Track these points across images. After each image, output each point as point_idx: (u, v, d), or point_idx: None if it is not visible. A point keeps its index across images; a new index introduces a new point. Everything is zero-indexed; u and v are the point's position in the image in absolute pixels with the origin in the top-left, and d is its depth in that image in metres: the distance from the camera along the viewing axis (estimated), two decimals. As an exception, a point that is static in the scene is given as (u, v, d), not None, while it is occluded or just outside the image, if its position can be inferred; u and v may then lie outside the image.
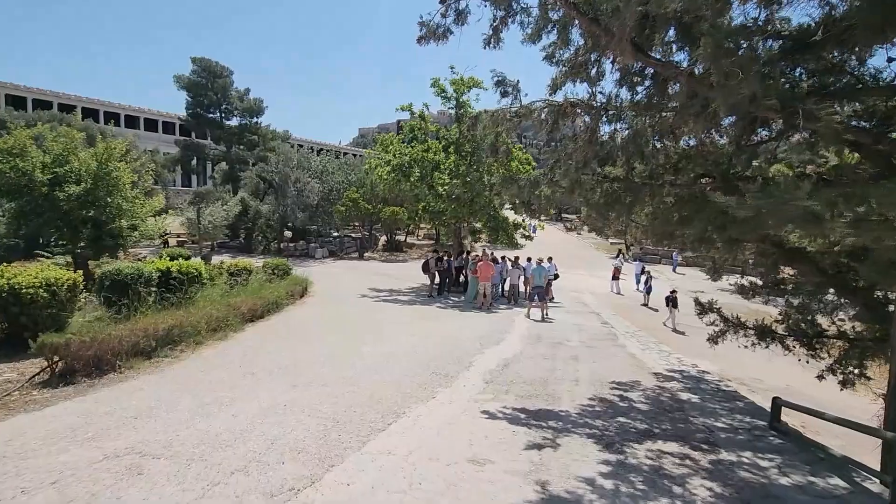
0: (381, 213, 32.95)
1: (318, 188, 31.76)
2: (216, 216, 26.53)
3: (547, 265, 19.02)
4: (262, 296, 13.78)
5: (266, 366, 8.32)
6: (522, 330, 12.51)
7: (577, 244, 42.29)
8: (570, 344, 10.89)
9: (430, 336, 11.12)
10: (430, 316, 14.31)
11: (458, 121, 20.39)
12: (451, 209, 19.61)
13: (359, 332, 11.31)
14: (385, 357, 9.05)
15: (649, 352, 10.67)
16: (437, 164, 19.88)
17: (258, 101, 37.56)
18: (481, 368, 8.53)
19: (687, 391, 8.04)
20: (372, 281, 22.27)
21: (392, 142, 20.53)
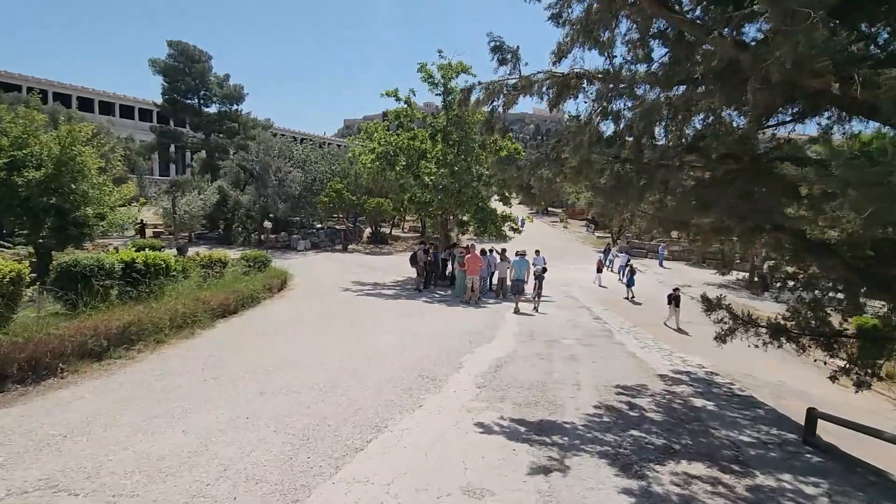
0: (366, 204, 31.90)
1: (301, 178, 30.53)
2: (192, 206, 25.22)
3: (534, 258, 18.27)
4: (235, 289, 12.74)
5: (233, 368, 7.36)
6: (514, 326, 11.69)
7: (564, 238, 41.70)
8: (566, 342, 10.11)
9: (416, 333, 10.24)
10: (415, 311, 13.42)
11: (445, 108, 19.44)
12: (437, 200, 18.70)
13: (339, 329, 10.38)
14: (367, 357, 8.14)
15: (649, 350, 9.95)
16: (424, 153, 18.91)
17: (238, 87, 35.94)
18: (473, 370, 7.68)
19: (700, 396, 7.30)
20: (355, 273, 21.30)
21: (377, 129, 19.47)
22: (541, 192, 6.27)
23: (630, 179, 5.45)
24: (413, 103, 19.47)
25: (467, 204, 19.21)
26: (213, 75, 35.05)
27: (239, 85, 35.88)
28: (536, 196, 6.56)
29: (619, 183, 5.57)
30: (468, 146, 18.73)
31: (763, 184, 5.17)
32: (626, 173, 5.45)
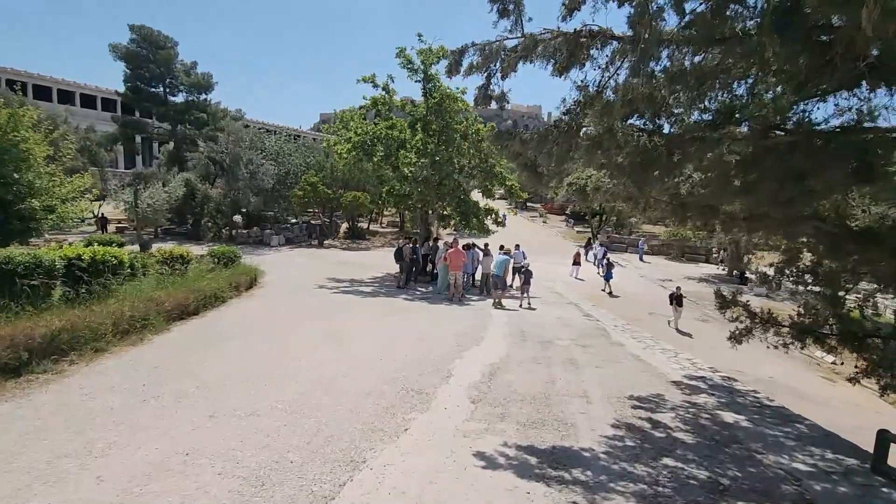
0: (343, 198, 30.49)
1: (274, 171, 28.92)
2: (156, 199, 23.45)
3: (514, 252, 17.34)
4: (195, 288, 11.38)
5: (181, 383, 6.12)
6: (502, 325, 10.67)
7: (544, 232, 41.02)
8: (561, 343, 9.13)
9: (397, 336, 9.12)
10: (396, 310, 12.28)
11: (425, 95, 18.26)
12: (417, 192, 17.53)
13: (311, 332, 9.17)
14: (342, 366, 6.99)
15: (652, 352, 9.02)
16: (403, 143, 17.72)
17: (206, 75, 33.84)
18: (464, 380, 6.60)
19: (726, 408, 6.37)
20: (331, 270, 20.00)
21: (353, 117, 18.17)
22: (550, 171, 5.21)
23: (658, 155, 4.43)
24: (392, 90, 18.22)
25: (448, 196, 18.10)
26: (179, 63, 32.90)
27: (207, 73, 33.83)
28: (545, 176, 5.49)
29: (645, 159, 4.54)
30: (449, 136, 17.62)
31: (823, 161, 4.21)
32: (655, 147, 4.43)
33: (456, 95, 17.76)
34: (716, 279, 27.32)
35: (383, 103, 18.20)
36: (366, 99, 18.16)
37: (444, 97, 17.49)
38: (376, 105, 18.12)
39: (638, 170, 4.58)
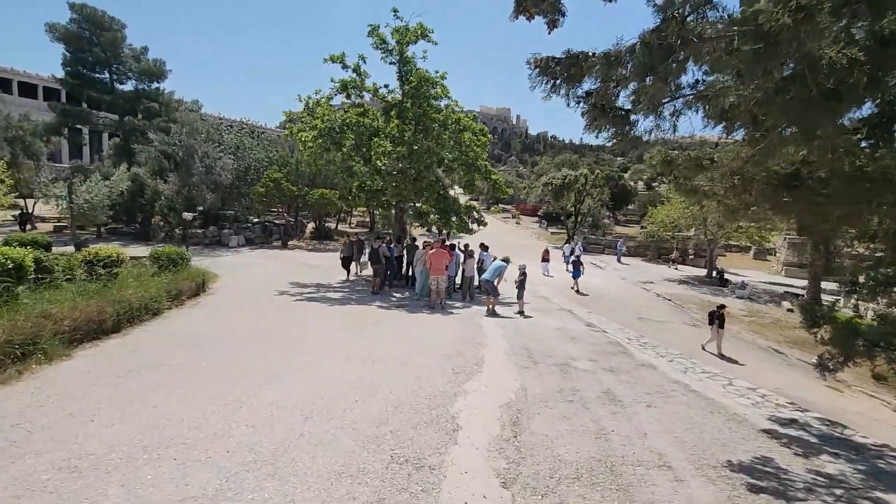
0: (309, 196, 27.85)
1: (232, 165, 26.04)
2: (95, 194, 20.32)
3: (482, 254, 15.38)
4: (118, 298, 8.85)
5: (37, 462, 3.76)
6: (500, 341, 8.63)
7: (519, 234, 39.35)
8: (581, 366, 7.16)
9: (374, 358, 6.94)
10: (371, 321, 10.06)
11: (401, 79, 16.06)
12: (392, 187, 15.28)
13: (261, 357, 6.87)
14: (295, 420, 4.76)
15: (696, 376, 7.13)
16: (377, 131, 15.46)
17: (159, 62, 30.34)
18: (479, 435, 4.51)
19: (874, 479, 4.44)
20: (296, 273, 17.56)
21: (320, 102, 15.77)
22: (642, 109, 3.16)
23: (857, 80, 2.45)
24: (364, 72, 15.92)
25: (427, 191, 15.94)
26: (127, 47, 29.37)
27: (159, 60, 30.39)
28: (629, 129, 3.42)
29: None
30: (427, 125, 15.47)
31: None
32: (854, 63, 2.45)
33: (435, 79, 15.64)
34: (695, 280, 26.28)
35: (354, 87, 15.89)
36: (334, 82, 15.79)
37: (423, 81, 15.34)
38: (346, 89, 15.81)
39: (806, 110, 2.59)
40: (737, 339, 15.83)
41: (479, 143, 16.55)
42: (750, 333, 16.68)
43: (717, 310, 11.32)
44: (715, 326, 10.91)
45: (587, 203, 36.56)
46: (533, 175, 67.24)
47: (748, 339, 16.01)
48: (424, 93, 15.45)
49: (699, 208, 25.61)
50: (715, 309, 11.51)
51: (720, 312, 11.12)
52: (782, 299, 22.77)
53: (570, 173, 35.21)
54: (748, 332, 16.93)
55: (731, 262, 33.78)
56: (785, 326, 18.04)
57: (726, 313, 11.97)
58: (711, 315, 11.41)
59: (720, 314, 11.05)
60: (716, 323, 10.91)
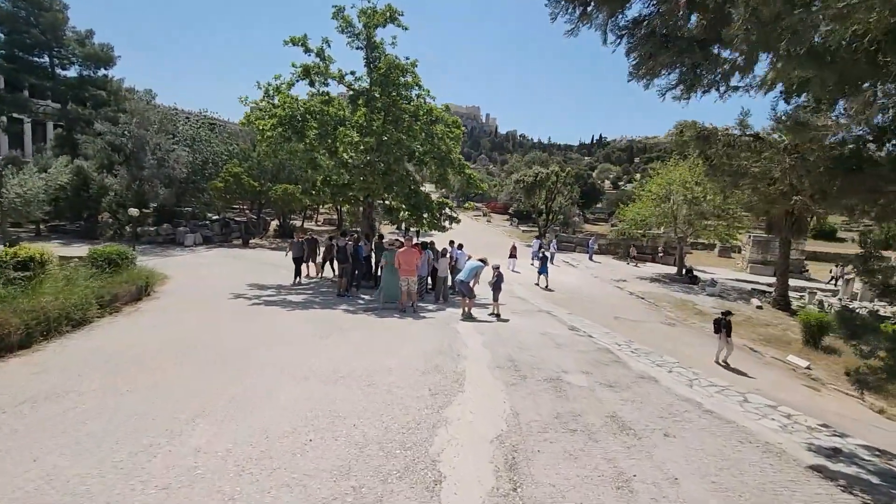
0: (272, 191, 26.23)
1: (188, 158, 24.14)
2: (29, 187, 18.23)
3: (455, 252, 14.44)
4: (26, 307, 7.41)
5: None
6: (480, 349, 7.65)
7: (490, 232, 38.60)
8: (575, 381, 6.23)
9: (337, 379, 5.82)
10: (335, 328, 8.91)
11: (368, 66, 14.87)
12: (359, 182, 14.07)
13: (198, 380, 5.66)
14: (225, 471, 3.59)
15: (700, 388, 6.30)
16: (342, 120, 14.22)
17: (106, 47, 27.75)
18: (468, 493, 3.43)
19: None
20: (256, 273, 16.13)
21: (279, 88, 14.38)
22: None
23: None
24: (328, 57, 14.63)
25: (397, 186, 14.81)
26: (70, 30, 26.79)
27: (107, 45, 27.84)
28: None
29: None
30: (397, 115, 14.33)
31: None
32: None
33: (406, 66, 14.51)
34: (666, 278, 26.12)
35: (317, 73, 14.57)
36: (295, 67, 14.42)
37: (392, 68, 14.18)
38: (308, 74, 14.47)
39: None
40: (710, 337, 15.47)
41: (452, 135, 15.53)
42: (724, 332, 16.38)
43: (723, 317, 10.51)
44: (722, 335, 10.08)
45: (558, 201, 36.15)
46: (503, 173, 66.84)
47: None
48: (394, 80, 14.31)
49: (671, 206, 25.45)
50: (721, 316, 10.68)
51: (726, 320, 10.32)
52: (750, 296, 22.77)
53: (542, 171, 34.70)
54: (722, 330, 16.64)
55: (698, 259, 34.01)
56: (756, 324, 17.84)
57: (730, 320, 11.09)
58: (717, 323, 10.58)
59: (727, 322, 10.25)
60: (723, 332, 10.07)
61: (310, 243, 15.93)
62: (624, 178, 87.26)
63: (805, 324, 15.65)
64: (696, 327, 16.69)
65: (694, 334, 15.43)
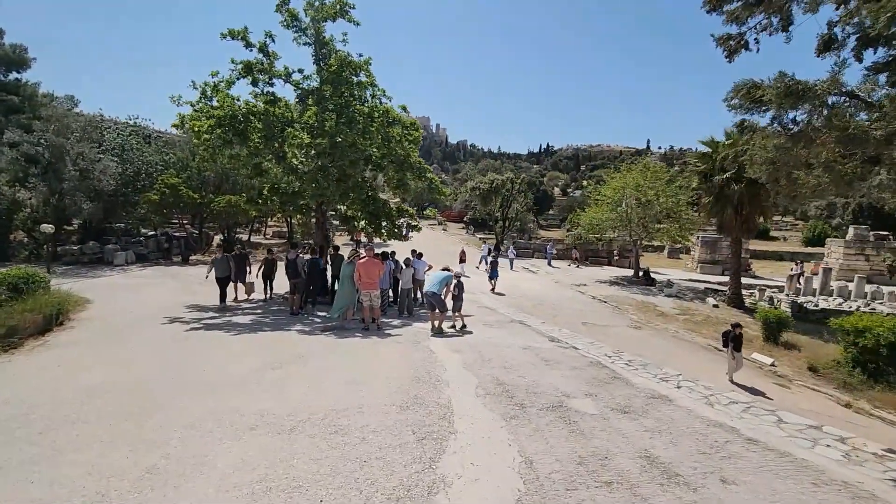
0: (214, 203, 24.11)
1: (116, 169, 21.66)
2: (-82, 204, 15.47)
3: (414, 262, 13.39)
4: None
5: None
6: (462, 372, 6.57)
7: (446, 240, 37.67)
8: (582, 407, 5.19)
9: (293, 427, 4.55)
10: (288, 355, 7.55)
11: (318, 63, 13.60)
12: (311, 188, 12.67)
13: (110, 446, 4.20)
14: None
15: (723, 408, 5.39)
16: (290, 121, 12.83)
17: (18, 48, 24.52)
18: None
19: None
20: (196, 293, 14.33)
21: (217, 87, 12.79)
22: None
23: None
24: (273, 54, 13.22)
25: (354, 192, 13.53)
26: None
27: (19, 45, 24.68)
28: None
29: None
30: (351, 116, 13.10)
31: None
32: None
33: (359, 64, 13.33)
34: (624, 280, 26.11)
35: (261, 70, 13.12)
36: (235, 63, 12.91)
37: (344, 65, 12.98)
38: (251, 72, 12.99)
39: None
40: (676, 339, 15.17)
41: (410, 138, 14.46)
42: (688, 332, 16.19)
43: (732, 329, 9.52)
44: (730, 350, 9.14)
45: (514, 207, 35.81)
46: (456, 182, 66.37)
47: (688, 339, 15.45)
48: (347, 79, 13.11)
49: (625, 209, 25.53)
50: (729, 329, 9.69)
51: (736, 332, 9.32)
52: (705, 296, 23.03)
53: (498, 178, 34.28)
54: (685, 330, 16.43)
55: (649, 261, 34.57)
56: (716, 323, 17.81)
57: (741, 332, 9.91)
58: (725, 336, 9.56)
59: (736, 335, 9.26)
60: (730, 346, 9.13)
61: (237, 259, 13.46)
62: (572, 186, 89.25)
63: (765, 321, 15.67)
64: (661, 328, 16.43)
65: (664, 337, 15.09)
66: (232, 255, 13.46)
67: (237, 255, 13.70)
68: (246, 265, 13.65)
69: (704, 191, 21.56)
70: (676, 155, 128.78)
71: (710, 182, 21.05)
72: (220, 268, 12.76)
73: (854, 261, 27.80)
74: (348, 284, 10.70)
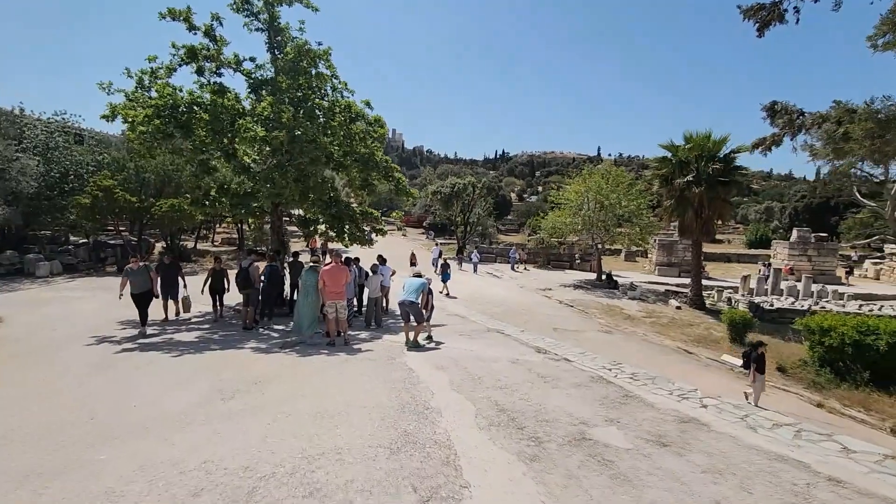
0: (155, 208, 21.89)
1: (38, 169, 19.16)
2: None
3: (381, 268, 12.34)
4: None
5: None
6: (455, 398, 5.58)
7: (407, 246, 36.49)
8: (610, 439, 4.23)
9: (253, 489, 3.40)
10: (242, 382, 6.30)
11: (272, 51, 12.29)
12: (266, 189, 11.29)
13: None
14: None
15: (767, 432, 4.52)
16: (241, 113, 11.44)
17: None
18: None
19: None
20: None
21: (156, 73, 11.19)
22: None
23: None
24: (221, 39, 11.79)
25: (315, 192, 12.27)
26: None
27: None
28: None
29: None
30: (310, 110, 11.89)
31: None
32: None
33: (319, 53, 12.14)
34: (588, 284, 25.96)
35: (207, 57, 11.67)
36: (177, 48, 11.39)
37: (302, 54, 11.75)
38: (195, 58, 11.52)
39: None
40: (647, 343, 14.87)
41: (375, 135, 13.37)
42: (656, 335, 15.99)
43: (754, 349, 8.55)
44: (752, 371, 8.22)
45: (476, 212, 35.21)
46: (415, 187, 65.45)
47: (656, 342, 15.23)
48: (305, 69, 11.87)
49: (588, 212, 25.43)
50: (749, 349, 8.74)
51: (759, 352, 8.36)
52: (667, 297, 23.18)
53: (459, 181, 33.57)
54: (654, 333, 16.24)
55: (607, 264, 34.91)
56: (682, 325, 17.76)
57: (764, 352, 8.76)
58: (746, 356, 8.61)
59: (758, 354, 8.31)
60: (753, 367, 8.20)
61: (166, 270, 11.18)
62: (528, 191, 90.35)
63: (730, 322, 15.67)
64: (630, 332, 16.18)
65: (636, 341, 14.82)
66: (156, 265, 11.27)
67: (164, 264, 11.38)
68: (178, 277, 11.32)
69: (665, 194, 21.68)
70: (625, 161, 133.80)
71: (670, 185, 21.17)
72: (138, 282, 10.13)
73: (798, 261, 29.01)
74: (314, 295, 9.43)
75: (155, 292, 10.54)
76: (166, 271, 11.16)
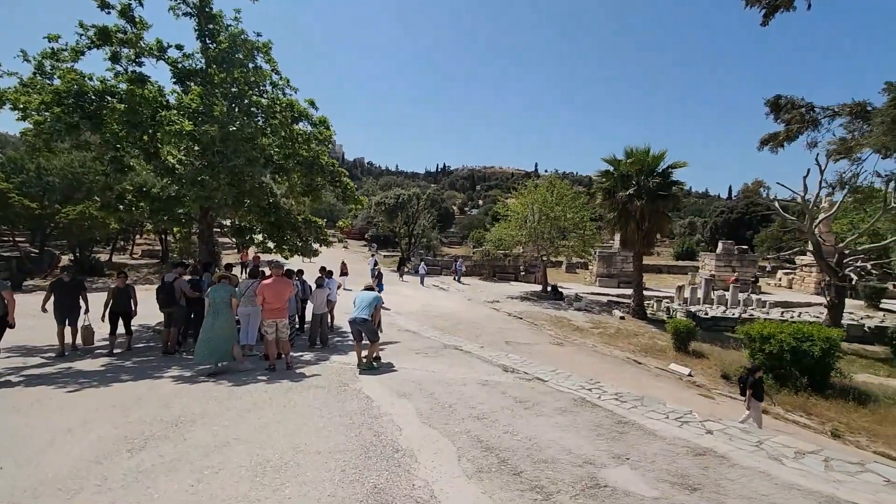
0: (61, 215, 19.13)
1: None
2: None
3: (327, 281, 11.17)
4: None
5: None
6: (429, 433, 4.67)
7: (349, 258, 34.88)
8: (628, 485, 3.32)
9: None
10: (159, 424, 5.03)
11: (202, 39, 10.90)
12: (193, 192, 9.78)
13: None
14: None
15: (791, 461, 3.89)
16: (165, 104, 9.95)
17: None
18: None
19: None
20: (27, 329, 10.33)
21: (59, 55, 9.45)
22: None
23: None
24: (141, 21, 10.26)
25: (251, 198, 10.92)
26: None
27: None
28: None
29: None
30: (245, 108, 10.61)
31: None
32: None
33: (257, 45, 10.92)
34: (534, 296, 25.87)
35: (124, 42, 10.09)
36: (85, 29, 9.75)
37: (238, 45, 10.50)
38: (109, 41, 9.91)
39: None
40: (599, 354, 14.74)
41: (320, 136, 12.25)
42: (605, 346, 15.96)
43: (749, 374, 8.27)
44: (749, 397, 7.91)
45: (420, 223, 34.43)
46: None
47: (606, 353, 15.15)
48: (241, 61, 10.60)
49: (535, 224, 25.45)
50: (745, 374, 8.45)
51: (755, 378, 8.06)
52: (611, 308, 23.53)
53: (403, 192, 32.70)
54: (603, 344, 16.21)
55: (550, 276, 35.38)
56: (628, 335, 17.92)
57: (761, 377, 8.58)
58: (742, 382, 8.31)
59: (755, 380, 8.01)
60: (749, 392, 7.90)
61: (66, 290, 8.86)
62: (469, 204, 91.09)
63: (675, 332, 15.93)
64: (580, 343, 16.09)
65: (588, 353, 14.69)
66: (52, 283, 9.12)
67: (62, 282, 8.95)
68: (79, 298, 9.03)
69: (608, 206, 22.07)
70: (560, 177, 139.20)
71: (613, 198, 21.58)
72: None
73: (723, 271, 30.77)
74: (226, 314, 7.89)
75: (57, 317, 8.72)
76: (65, 291, 8.88)
